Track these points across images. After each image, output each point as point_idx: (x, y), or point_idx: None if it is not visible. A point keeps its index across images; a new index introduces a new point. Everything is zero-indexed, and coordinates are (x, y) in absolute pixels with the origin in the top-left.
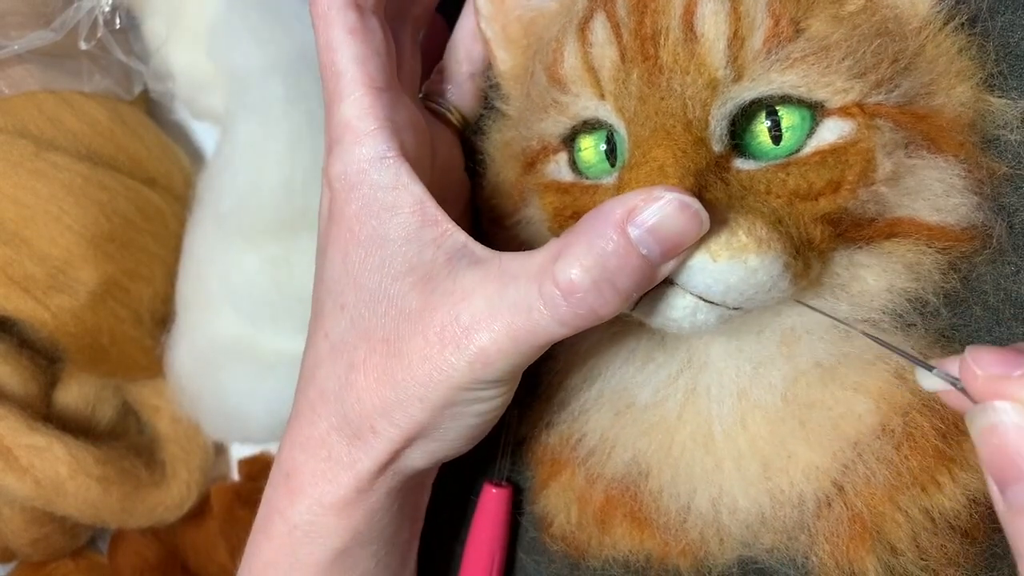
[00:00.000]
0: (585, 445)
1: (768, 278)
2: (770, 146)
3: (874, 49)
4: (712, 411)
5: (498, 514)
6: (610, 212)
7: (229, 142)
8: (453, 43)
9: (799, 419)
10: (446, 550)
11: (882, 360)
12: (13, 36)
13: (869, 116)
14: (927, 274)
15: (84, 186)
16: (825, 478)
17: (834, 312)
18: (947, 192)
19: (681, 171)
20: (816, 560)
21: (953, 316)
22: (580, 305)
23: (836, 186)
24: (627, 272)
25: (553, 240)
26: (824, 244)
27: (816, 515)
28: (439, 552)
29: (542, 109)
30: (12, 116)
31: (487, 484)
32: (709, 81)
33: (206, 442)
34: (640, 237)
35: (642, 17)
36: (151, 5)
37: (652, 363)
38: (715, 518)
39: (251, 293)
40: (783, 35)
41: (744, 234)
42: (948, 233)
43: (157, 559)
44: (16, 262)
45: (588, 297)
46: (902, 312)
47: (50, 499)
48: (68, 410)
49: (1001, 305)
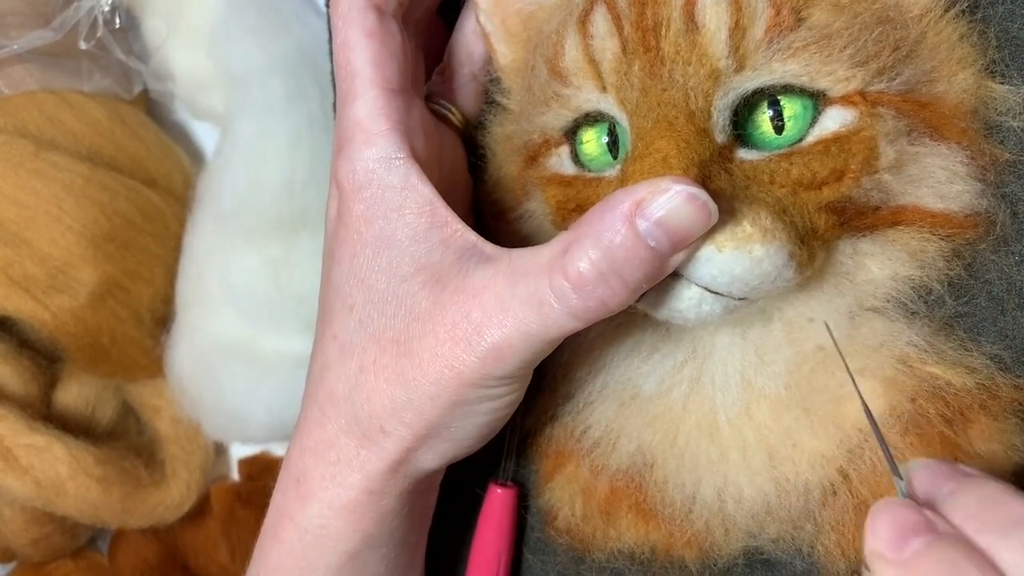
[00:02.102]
0: (590, 437)
1: (773, 268)
2: (773, 136)
3: (875, 37)
4: (717, 400)
5: (504, 515)
6: (617, 204)
7: (229, 142)
8: (454, 44)
9: (804, 407)
10: (452, 551)
11: (887, 346)
12: (13, 36)
13: (871, 104)
14: (931, 262)
15: (84, 186)
16: (831, 466)
17: (838, 304)
18: (950, 179)
19: (685, 162)
20: (822, 549)
21: (957, 304)
22: (590, 297)
23: (839, 175)
24: (636, 264)
25: (562, 234)
26: (828, 233)
27: (822, 504)
28: (445, 553)
29: (543, 102)
30: (12, 116)
31: (492, 484)
32: (711, 72)
33: (206, 442)
34: (648, 229)
35: (643, 8)
36: (151, 4)
37: (656, 353)
38: (720, 508)
39: (251, 293)
40: (784, 24)
41: (749, 224)
42: (952, 220)
43: (157, 559)
44: (16, 262)
45: (598, 289)
46: (906, 300)
47: (50, 499)
48: (68, 410)
49: (1005, 294)
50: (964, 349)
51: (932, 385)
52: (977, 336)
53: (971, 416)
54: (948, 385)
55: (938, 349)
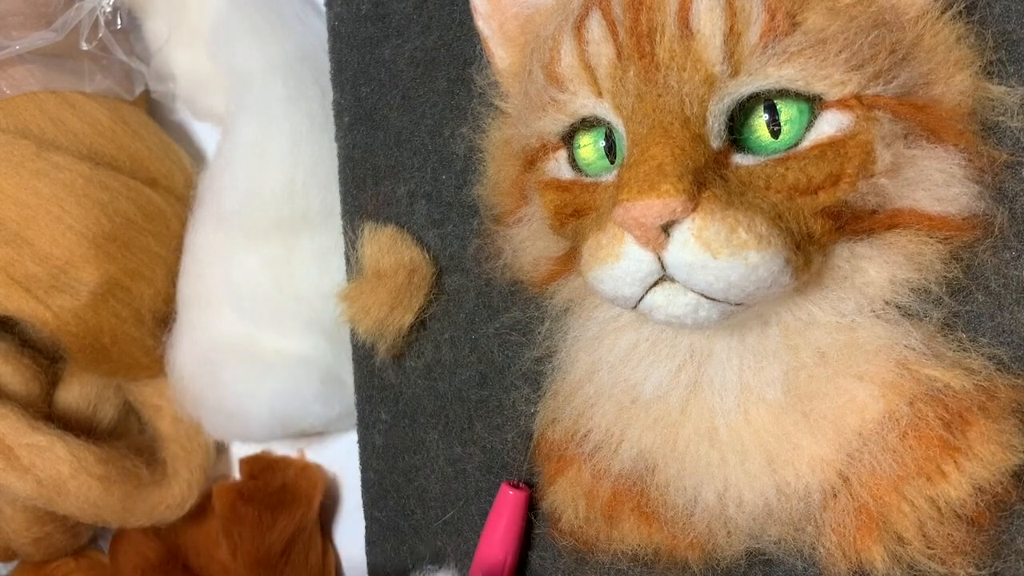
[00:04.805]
0: (591, 440)
1: (769, 274)
2: (769, 140)
3: (871, 40)
4: (715, 405)
5: (514, 515)
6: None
7: (230, 142)
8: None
9: (803, 411)
10: (459, 548)
11: (886, 350)
12: (15, 36)
13: (868, 108)
14: (929, 264)
15: (85, 186)
16: (830, 469)
17: (843, 306)
18: (948, 182)
19: (679, 169)
20: (823, 551)
21: (956, 303)
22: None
23: (835, 179)
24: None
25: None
26: (825, 237)
27: (822, 506)
28: (451, 547)
29: (540, 107)
30: (13, 116)
31: (505, 484)
32: (706, 77)
33: (207, 441)
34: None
35: (637, 14)
36: (152, 6)
37: (655, 357)
38: (722, 511)
39: (252, 293)
40: (779, 29)
41: (744, 231)
42: (949, 223)
43: (158, 558)
44: (18, 262)
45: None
46: (905, 303)
47: (51, 498)
48: (69, 409)
49: (1003, 291)
50: (963, 350)
51: (931, 388)
52: (975, 334)
53: (970, 418)
54: (947, 388)
55: (936, 351)
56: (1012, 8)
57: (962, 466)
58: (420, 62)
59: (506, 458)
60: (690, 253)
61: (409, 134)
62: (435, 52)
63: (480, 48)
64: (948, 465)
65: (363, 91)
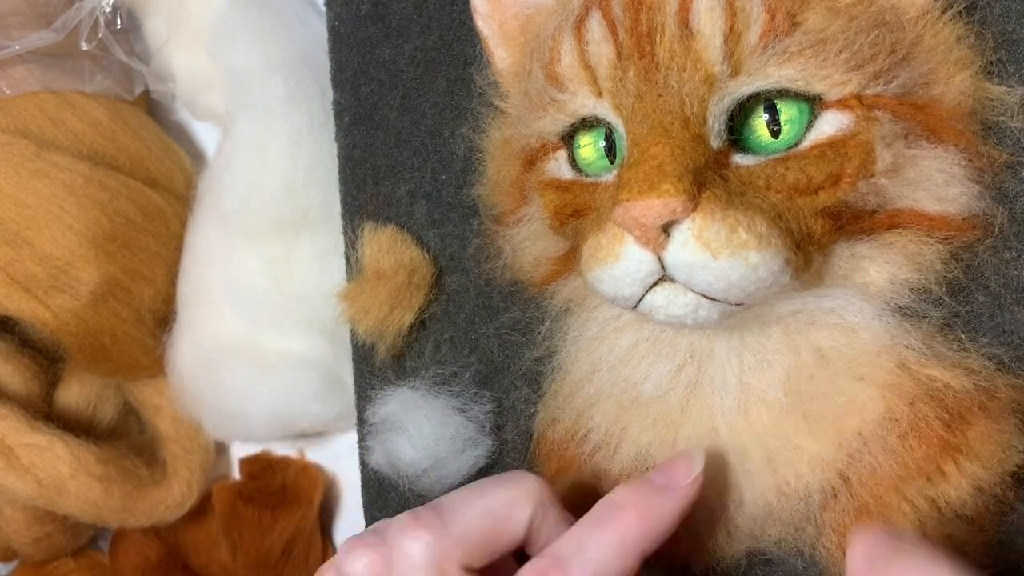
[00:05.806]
0: (591, 440)
1: (769, 274)
2: (769, 140)
3: (871, 40)
4: (715, 404)
5: None
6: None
7: (230, 142)
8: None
9: (803, 411)
10: None
11: (886, 350)
12: (14, 36)
13: (868, 108)
14: (929, 264)
15: (85, 186)
16: (831, 469)
17: (844, 306)
18: (948, 182)
19: (679, 169)
20: (823, 551)
21: (956, 303)
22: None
23: (835, 179)
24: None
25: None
26: (825, 238)
27: (823, 507)
28: None
29: (540, 107)
30: (13, 116)
31: None
32: (706, 77)
33: (207, 441)
34: None
35: (637, 14)
36: (152, 5)
37: (655, 357)
38: (722, 511)
39: (252, 293)
40: (779, 29)
41: (744, 231)
42: (949, 223)
43: (158, 558)
44: (17, 262)
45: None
46: (905, 303)
47: (51, 498)
48: (69, 409)
49: (1003, 291)
50: (963, 350)
51: (931, 388)
52: (975, 334)
53: (970, 418)
54: (947, 388)
55: (936, 351)
56: (1012, 8)
57: (962, 466)
58: (420, 62)
59: (506, 458)
60: (690, 253)
61: (409, 134)
62: (435, 52)
63: (480, 48)
64: (948, 465)
65: (363, 91)
